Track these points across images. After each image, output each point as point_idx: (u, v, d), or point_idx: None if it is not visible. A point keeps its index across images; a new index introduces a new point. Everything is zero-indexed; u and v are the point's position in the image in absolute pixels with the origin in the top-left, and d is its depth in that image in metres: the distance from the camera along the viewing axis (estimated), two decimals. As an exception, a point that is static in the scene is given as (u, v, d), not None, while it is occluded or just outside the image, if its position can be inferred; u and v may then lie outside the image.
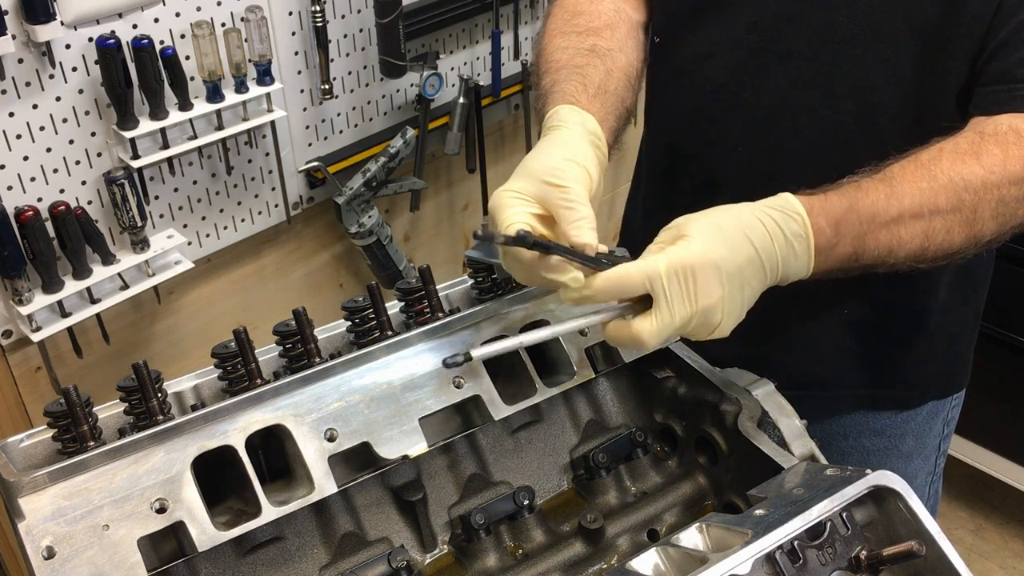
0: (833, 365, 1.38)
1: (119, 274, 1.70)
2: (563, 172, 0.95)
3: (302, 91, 1.90)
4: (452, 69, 2.15)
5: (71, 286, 1.64)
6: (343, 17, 1.91)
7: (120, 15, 1.59)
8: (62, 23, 1.50)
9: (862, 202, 1.02)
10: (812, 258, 0.99)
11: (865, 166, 1.07)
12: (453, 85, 2.16)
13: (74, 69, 1.57)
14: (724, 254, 0.92)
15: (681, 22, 1.29)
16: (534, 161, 0.98)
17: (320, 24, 1.83)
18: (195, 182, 1.81)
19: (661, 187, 1.44)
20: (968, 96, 1.12)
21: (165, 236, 1.77)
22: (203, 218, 1.86)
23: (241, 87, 1.73)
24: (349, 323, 1.10)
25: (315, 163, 1.96)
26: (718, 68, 1.26)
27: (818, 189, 1.03)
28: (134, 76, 1.60)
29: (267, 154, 1.89)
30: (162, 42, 1.64)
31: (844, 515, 0.89)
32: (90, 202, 1.67)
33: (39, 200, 1.60)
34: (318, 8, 1.81)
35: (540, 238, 0.90)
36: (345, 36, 1.92)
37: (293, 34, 1.84)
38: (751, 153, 1.26)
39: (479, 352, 0.92)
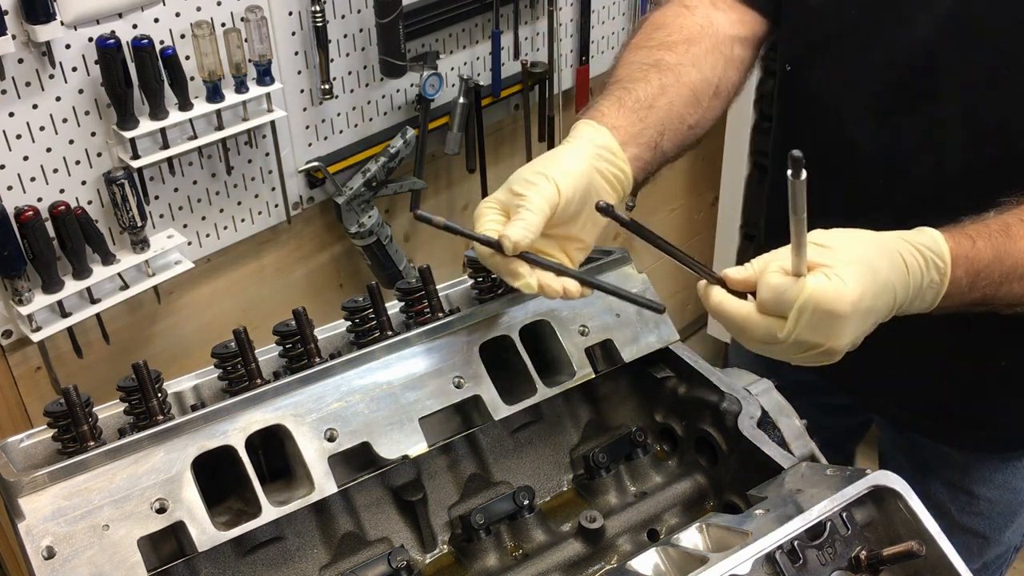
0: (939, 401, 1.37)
1: (119, 274, 1.70)
2: (528, 183, 0.97)
3: (302, 91, 1.90)
4: (452, 69, 2.15)
5: (71, 286, 1.64)
6: (343, 17, 1.91)
7: (120, 15, 1.59)
8: (62, 23, 1.50)
9: (1009, 251, 0.99)
10: (936, 304, 0.97)
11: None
12: (453, 85, 2.15)
13: (74, 69, 1.57)
14: (870, 303, 0.88)
15: (817, 52, 1.26)
16: (516, 173, 1.01)
17: (320, 24, 1.83)
18: (195, 182, 1.81)
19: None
20: None
21: (165, 236, 1.77)
22: (203, 218, 1.86)
23: (241, 87, 1.73)
24: (349, 323, 1.10)
25: (315, 163, 1.96)
26: (856, 102, 1.23)
27: (965, 228, 0.99)
28: (134, 76, 1.60)
29: (267, 154, 1.89)
30: (162, 42, 1.64)
31: (844, 515, 0.89)
32: (90, 202, 1.67)
33: (39, 200, 1.60)
34: (318, 8, 1.81)
35: (458, 226, 0.97)
36: (345, 36, 1.92)
37: (293, 34, 1.84)
38: (888, 190, 1.24)
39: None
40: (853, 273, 0.86)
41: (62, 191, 1.63)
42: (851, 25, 1.22)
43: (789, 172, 0.77)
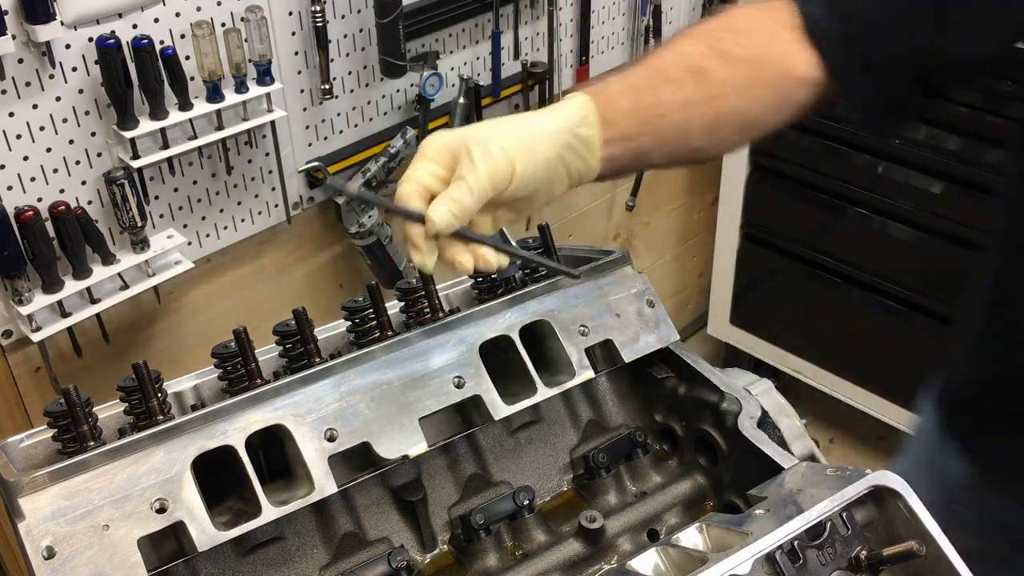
0: None
1: (119, 274, 1.70)
2: (486, 154, 0.90)
3: (302, 91, 1.90)
4: (452, 69, 2.15)
5: (71, 286, 1.64)
6: (343, 17, 1.91)
7: (120, 15, 1.59)
8: (62, 23, 1.50)
9: None
10: None
11: None
12: (453, 85, 2.16)
13: (74, 69, 1.57)
14: None
15: None
16: (485, 129, 0.94)
17: (320, 24, 1.83)
18: (195, 182, 1.81)
19: None
20: None
21: (165, 236, 1.77)
22: (203, 218, 1.86)
23: (241, 87, 1.73)
24: (349, 323, 1.10)
25: (315, 163, 1.96)
26: None
27: None
28: (134, 76, 1.60)
29: (267, 154, 1.89)
30: (162, 42, 1.64)
31: (844, 515, 0.89)
32: (90, 202, 1.67)
33: (39, 200, 1.60)
34: (318, 8, 1.81)
35: (375, 197, 0.89)
36: (345, 36, 1.92)
37: (293, 34, 1.84)
38: None
39: None
40: None
41: (62, 191, 1.63)
42: None
43: None
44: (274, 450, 1.00)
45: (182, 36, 1.67)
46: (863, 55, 0.99)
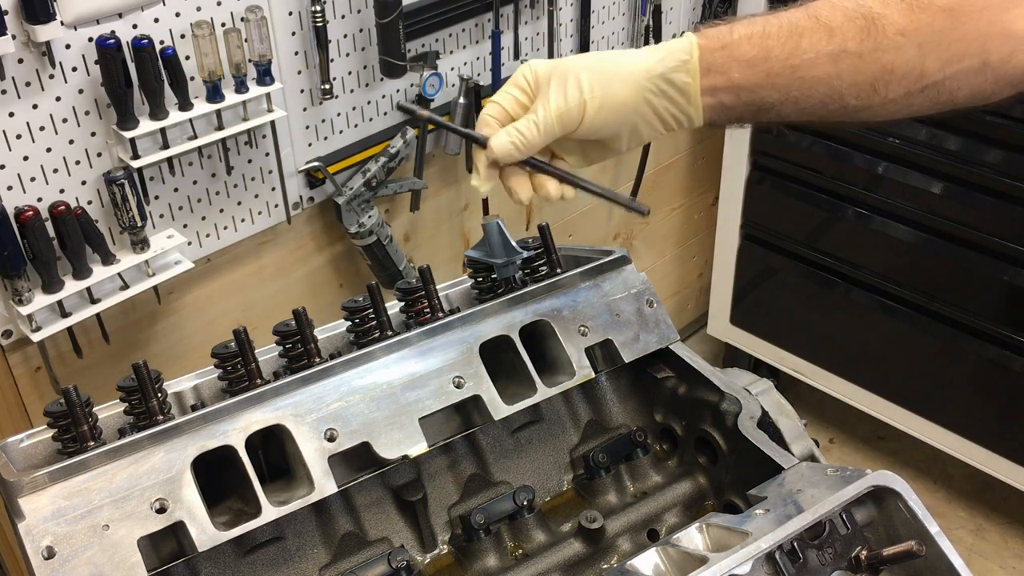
0: None
1: (119, 274, 1.70)
2: (562, 91, 0.92)
3: (302, 91, 1.90)
4: (452, 69, 2.15)
5: (71, 286, 1.64)
6: (343, 17, 1.91)
7: (120, 15, 1.59)
8: (62, 23, 1.50)
9: None
10: None
11: None
12: (453, 85, 2.15)
13: (74, 69, 1.57)
14: None
15: None
16: (579, 62, 0.94)
17: (320, 24, 1.83)
18: (195, 182, 1.81)
19: None
20: None
21: (165, 236, 1.77)
22: (203, 218, 1.86)
23: (241, 87, 1.73)
24: (349, 323, 1.10)
25: (315, 163, 1.96)
26: None
27: None
28: (134, 76, 1.60)
29: (267, 154, 1.89)
30: (162, 42, 1.64)
31: (844, 515, 0.89)
32: (90, 202, 1.67)
33: (39, 200, 1.60)
34: (318, 8, 1.81)
35: (442, 120, 1.02)
36: (345, 36, 1.92)
37: (293, 34, 1.84)
38: None
39: None
40: None
41: (62, 191, 1.63)
42: None
43: None
44: (274, 450, 1.00)
45: (182, 36, 1.67)
46: None
